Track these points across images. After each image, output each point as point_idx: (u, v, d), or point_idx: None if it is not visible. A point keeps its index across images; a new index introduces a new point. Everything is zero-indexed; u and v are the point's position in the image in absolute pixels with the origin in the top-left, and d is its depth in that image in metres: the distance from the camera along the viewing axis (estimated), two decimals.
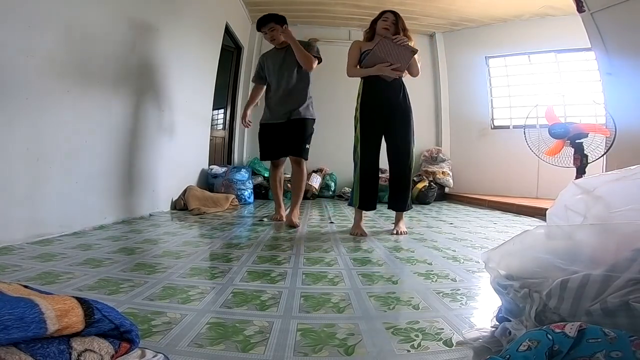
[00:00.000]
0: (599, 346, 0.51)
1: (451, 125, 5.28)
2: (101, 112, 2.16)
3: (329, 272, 1.33)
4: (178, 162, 3.18)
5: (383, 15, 2.22)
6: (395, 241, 1.97)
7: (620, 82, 2.63)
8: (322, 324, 0.88)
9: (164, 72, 2.85)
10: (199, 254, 1.57)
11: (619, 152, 2.48)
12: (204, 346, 0.75)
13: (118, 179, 2.34)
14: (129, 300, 1.00)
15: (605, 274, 0.60)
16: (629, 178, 0.75)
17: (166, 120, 2.93)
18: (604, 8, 2.56)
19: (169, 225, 2.32)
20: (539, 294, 0.67)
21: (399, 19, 2.20)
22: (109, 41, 2.18)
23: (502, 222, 2.82)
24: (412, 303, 1.04)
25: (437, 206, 4.13)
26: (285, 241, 1.90)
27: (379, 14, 2.26)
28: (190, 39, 3.24)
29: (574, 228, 0.75)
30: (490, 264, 0.81)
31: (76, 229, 1.95)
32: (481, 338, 0.77)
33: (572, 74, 4.52)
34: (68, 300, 0.55)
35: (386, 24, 2.18)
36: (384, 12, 2.24)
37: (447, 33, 5.27)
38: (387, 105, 2.15)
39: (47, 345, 0.50)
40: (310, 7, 4.70)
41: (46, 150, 1.78)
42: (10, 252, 1.46)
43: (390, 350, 0.75)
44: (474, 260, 1.54)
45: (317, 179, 4.79)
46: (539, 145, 2.75)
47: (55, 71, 1.79)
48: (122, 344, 0.60)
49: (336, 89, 4.85)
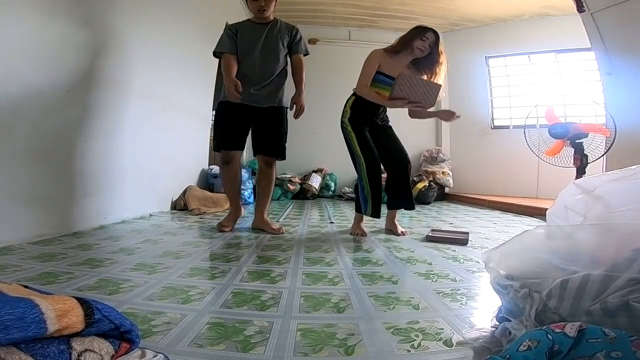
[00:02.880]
0: (599, 346, 0.51)
1: (451, 125, 5.27)
2: (100, 113, 2.16)
3: (329, 272, 1.33)
4: (178, 162, 3.18)
5: (424, 34, 1.96)
6: (395, 241, 1.96)
7: (620, 82, 2.63)
8: (322, 324, 0.88)
9: (164, 72, 2.85)
10: (199, 254, 1.57)
11: (619, 152, 2.48)
12: (204, 346, 0.75)
13: (117, 178, 2.34)
14: (129, 300, 1.00)
15: (605, 274, 0.60)
16: (629, 178, 0.75)
17: (166, 120, 2.93)
18: (604, 8, 2.56)
19: (169, 225, 2.32)
20: (539, 294, 0.67)
21: (439, 41, 1.98)
22: (108, 41, 2.19)
23: (502, 222, 2.82)
24: (412, 303, 1.03)
25: (437, 206, 4.13)
26: (285, 241, 1.90)
27: (417, 30, 2.00)
28: (190, 39, 3.23)
29: (574, 228, 0.75)
30: (490, 264, 0.81)
31: (76, 229, 1.95)
32: (481, 338, 0.77)
33: (572, 74, 4.52)
34: (68, 301, 0.55)
35: (424, 44, 1.96)
36: (426, 29, 1.98)
37: (447, 33, 5.25)
38: (373, 124, 2.19)
39: (47, 345, 0.50)
40: (310, 7, 4.70)
41: (46, 150, 1.78)
42: (11, 252, 1.46)
43: (390, 350, 0.75)
44: (474, 260, 1.54)
45: (317, 179, 4.79)
46: (539, 145, 2.75)
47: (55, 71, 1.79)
48: (122, 344, 0.60)
49: (336, 88, 4.85)
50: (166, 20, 2.82)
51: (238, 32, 2.13)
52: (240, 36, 2.12)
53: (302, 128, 5.16)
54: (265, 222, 2.19)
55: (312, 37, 5.20)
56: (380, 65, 2.05)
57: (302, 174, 4.90)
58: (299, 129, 5.14)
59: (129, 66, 2.40)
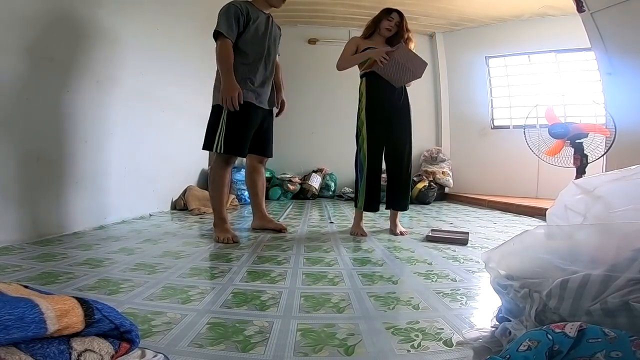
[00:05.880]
0: (599, 346, 0.51)
1: (451, 125, 5.28)
2: (100, 113, 2.16)
3: (329, 272, 1.33)
4: (178, 162, 3.18)
5: (389, 14, 2.15)
6: (395, 241, 1.96)
7: (620, 82, 2.63)
8: (322, 324, 0.88)
9: (164, 72, 2.85)
10: (199, 254, 1.57)
11: (619, 152, 2.48)
12: (204, 346, 0.75)
13: (117, 179, 2.34)
14: (129, 300, 1.00)
15: (605, 274, 0.60)
16: (629, 178, 0.75)
17: (166, 120, 2.93)
18: (603, 8, 2.56)
19: (169, 225, 2.32)
20: (539, 294, 0.67)
21: (404, 20, 2.15)
22: (108, 41, 2.19)
23: (502, 222, 2.82)
24: (412, 303, 1.03)
25: (437, 206, 4.13)
26: (285, 241, 1.90)
27: (383, 12, 2.18)
28: (190, 39, 3.23)
29: (574, 228, 0.75)
30: (490, 264, 0.81)
31: (76, 229, 1.95)
32: (481, 338, 0.77)
33: (572, 74, 4.52)
34: (68, 301, 0.55)
35: (391, 24, 2.13)
36: (390, 10, 2.16)
37: (447, 33, 5.26)
38: (389, 108, 2.14)
39: (47, 345, 0.50)
40: (310, 7, 4.69)
41: (46, 150, 1.78)
42: (11, 252, 1.46)
43: (390, 350, 0.75)
44: (474, 260, 1.54)
45: (317, 179, 4.79)
46: (539, 145, 2.75)
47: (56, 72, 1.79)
48: (122, 344, 0.60)
49: (336, 89, 4.86)
50: (166, 20, 2.82)
51: (249, 15, 1.85)
52: (252, 21, 1.86)
53: (302, 128, 5.22)
54: (270, 220, 2.19)
55: (312, 37, 5.20)
56: (358, 48, 2.17)
57: (302, 174, 4.90)
58: (299, 128, 5.20)
59: (129, 66, 2.41)
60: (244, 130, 1.88)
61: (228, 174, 1.98)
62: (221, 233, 1.84)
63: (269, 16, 2.00)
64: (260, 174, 2.21)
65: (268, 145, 2.14)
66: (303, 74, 4.96)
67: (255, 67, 1.89)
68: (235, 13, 1.80)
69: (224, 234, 1.83)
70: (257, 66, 1.90)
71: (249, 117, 1.89)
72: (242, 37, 1.84)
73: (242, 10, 1.82)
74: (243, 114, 1.84)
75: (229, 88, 1.75)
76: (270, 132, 2.14)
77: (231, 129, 1.84)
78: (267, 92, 2.00)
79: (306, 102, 4.94)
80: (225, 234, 1.83)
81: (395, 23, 2.13)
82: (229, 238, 1.80)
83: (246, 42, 1.85)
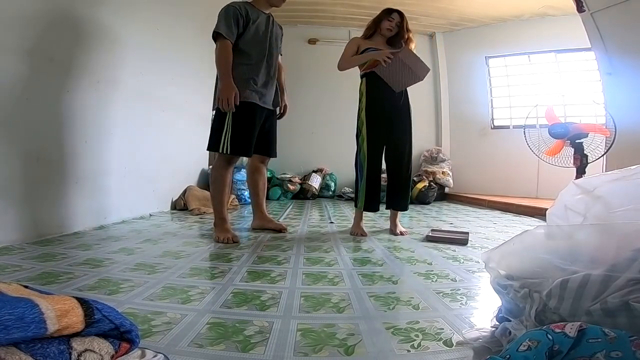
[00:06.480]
0: (599, 346, 0.51)
1: (451, 125, 5.29)
2: (100, 113, 2.16)
3: (329, 272, 1.33)
4: (178, 162, 3.18)
5: (390, 14, 2.15)
6: (395, 241, 1.96)
7: (620, 82, 2.63)
8: (322, 324, 0.88)
9: (164, 72, 2.85)
10: (199, 254, 1.57)
11: (619, 152, 2.48)
12: (204, 346, 0.75)
13: (117, 179, 2.34)
14: (129, 300, 1.00)
15: (605, 274, 0.60)
16: (629, 178, 0.75)
17: (166, 120, 2.93)
18: (603, 8, 2.56)
19: (169, 225, 2.32)
20: (539, 294, 0.67)
21: (405, 21, 2.15)
22: (108, 41, 2.19)
23: (502, 222, 2.82)
24: (412, 303, 1.03)
25: (437, 206, 4.13)
26: (285, 241, 1.90)
27: (384, 12, 2.17)
28: (190, 39, 3.23)
29: (574, 228, 0.75)
30: (490, 264, 0.81)
31: (76, 229, 1.95)
32: (481, 338, 0.77)
33: (572, 74, 4.52)
34: (68, 301, 0.55)
35: (391, 24, 2.13)
36: (391, 11, 2.16)
37: (447, 33, 5.26)
38: (390, 108, 2.14)
39: (47, 345, 0.50)
40: (310, 7, 4.70)
41: (46, 150, 1.78)
42: (11, 252, 1.46)
43: (390, 350, 0.75)
44: (474, 260, 1.54)
45: (317, 179, 4.79)
46: (539, 145, 2.75)
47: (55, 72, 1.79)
48: (122, 344, 0.60)
49: (336, 89, 4.86)
50: (166, 20, 2.82)
51: (249, 16, 1.86)
52: (252, 22, 1.87)
53: (302, 128, 5.22)
54: (270, 220, 2.20)
55: (312, 37, 5.20)
56: (359, 48, 2.17)
57: (302, 174, 4.90)
58: (299, 129, 5.20)
59: (129, 66, 2.41)
60: (249, 131, 1.89)
61: (230, 174, 1.99)
62: (221, 233, 1.85)
63: (270, 16, 2.01)
64: (261, 174, 2.21)
65: (272, 146, 2.14)
66: (303, 74, 4.96)
67: (258, 67, 1.90)
68: (235, 14, 1.81)
69: (224, 234, 1.84)
70: (260, 66, 1.91)
71: (253, 117, 1.91)
72: (242, 38, 1.86)
73: (241, 11, 1.84)
74: (248, 115, 1.87)
75: (226, 89, 1.76)
76: (274, 132, 2.14)
77: (237, 130, 1.85)
78: (271, 92, 2.00)
79: (306, 102, 4.94)
80: (225, 234, 1.84)
81: (395, 23, 2.14)
82: (229, 238, 1.81)
83: (247, 42, 1.86)
